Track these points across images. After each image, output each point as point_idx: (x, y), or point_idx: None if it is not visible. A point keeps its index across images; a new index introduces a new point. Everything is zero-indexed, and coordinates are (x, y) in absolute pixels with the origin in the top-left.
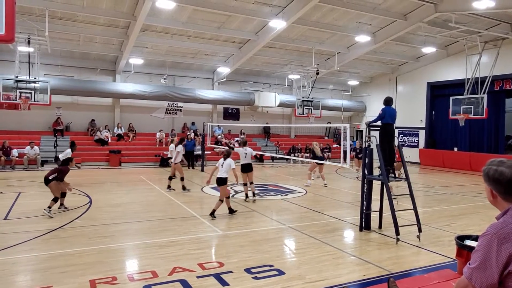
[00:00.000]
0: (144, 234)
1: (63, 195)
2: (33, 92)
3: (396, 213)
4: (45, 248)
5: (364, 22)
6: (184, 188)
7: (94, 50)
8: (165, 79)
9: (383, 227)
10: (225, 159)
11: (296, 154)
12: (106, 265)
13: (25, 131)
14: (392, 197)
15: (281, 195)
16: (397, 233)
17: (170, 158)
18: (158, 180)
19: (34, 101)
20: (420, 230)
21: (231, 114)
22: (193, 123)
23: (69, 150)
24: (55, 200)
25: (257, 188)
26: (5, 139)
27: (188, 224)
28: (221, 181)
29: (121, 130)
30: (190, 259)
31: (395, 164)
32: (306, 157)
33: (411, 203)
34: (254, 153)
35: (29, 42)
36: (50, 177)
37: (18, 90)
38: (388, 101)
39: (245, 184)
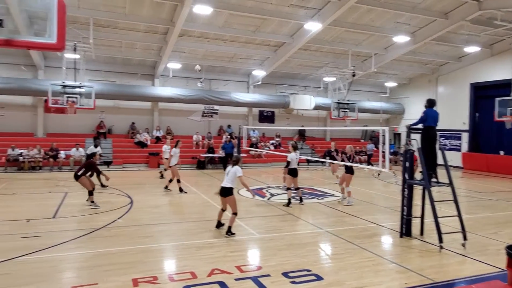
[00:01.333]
0: (182, 235)
1: (90, 192)
2: (78, 96)
3: (439, 219)
4: (90, 247)
5: (402, 22)
6: (181, 190)
7: (134, 56)
8: (201, 82)
9: (425, 233)
10: (232, 166)
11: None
12: (147, 264)
13: (71, 133)
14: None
15: (317, 199)
16: (440, 240)
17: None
18: (195, 182)
19: (80, 105)
20: (465, 238)
21: (266, 117)
22: (229, 126)
23: (92, 147)
24: (90, 193)
25: (292, 192)
26: (53, 141)
27: (225, 227)
28: (226, 192)
29: (160, 132)
30: (228, 261)
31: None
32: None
33: (455, 209)
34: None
35: (75, 50)
36: (79, 173)
37: (65, 95)
38: (430, 103)
39: (288, 188)
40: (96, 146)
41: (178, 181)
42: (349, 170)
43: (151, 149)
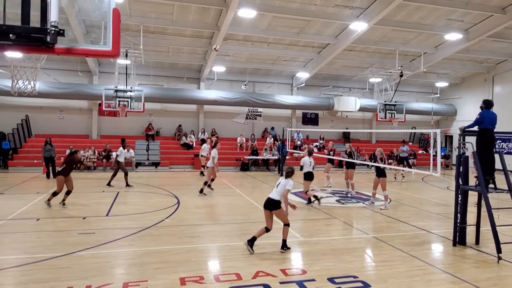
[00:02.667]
0: (227, 236)
1: (55, 193)
2: (129, 100)
3: (497, 228)
4: (141, 244)
5: (455, 18)
6: (201, 191)
7: (181, 60)
8: (245, 85)
9: (481, 243)
10: (285, 178)
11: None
12: (194, 264)
13: (122, 135)
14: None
15: (363, 203)
16: (499, 250)
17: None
18: (239, 184)
19: (130, 108)
20: None
21: (310, 119)
22: (272, 128)
23: (121, 148)
24: (55, 194)
25: (337, 195)
26: (106, 143)
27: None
28: (273, 204)
29: (205, 134)
30: (272, 264)
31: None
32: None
33: None
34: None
35: (126, 55)
36: (60, 169)
37: (117, 99)
38: (487, 104)
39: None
40: (124, 148)
41: (205, 183)
42: (381, 173)
43: (196, 151)
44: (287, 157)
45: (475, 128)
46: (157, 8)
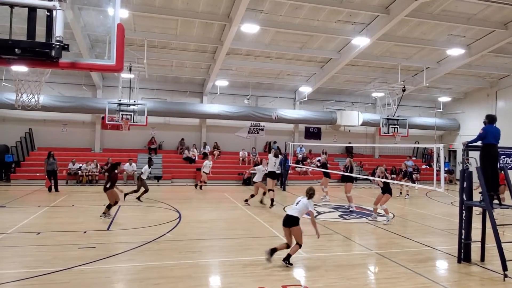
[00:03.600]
0: (229, 251)
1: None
2: (132, 114)
3: (502, 245)
4: (141, 259)
5: (456, 34)
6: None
7: (184, 74)
8: (248, 99)
9: (486, 260)
10: (308, 198)
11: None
12: (195, 280)
13: (125, 149)
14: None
15: (366, 218)
16: (505, 268)
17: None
18: (241, 198)
19: (133, 122)
20: None
21: (312, 134)
22: (274, 142)
23: (146, 167)
24: (109, 206)
25: (340, 210)
26: (109, 156)
27: (271, 244)
28: (292, 221)
29: (207, 148)
30: (274, 280)
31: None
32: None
33: None
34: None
35: (130, 70)
36: (107, 186)
37: (120, 113)
38: (491, 119)
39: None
40: (149, 167)
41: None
42: (387, 190)
43: (198, 165)
44: (289, 172)
45: (479, 143)
46: (162, 23)
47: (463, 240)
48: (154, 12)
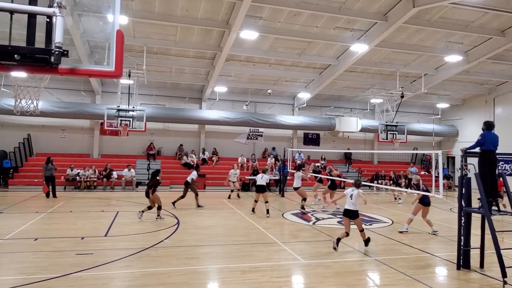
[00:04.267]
0: (227, 258)
1: (159, 207)
2: (131, 120)
3: (501, 251)
4: (139, 266)
5: (454, 41)
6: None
7: (183, 80)
8: (247, 105)
9: (485, 266)
10: (357, 188)
11: (379, 181)
12: (193, 286)
13: (123, 155)
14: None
15: (365, 225)
16: (504, 275)
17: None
18: (240, 204)
19: (132, 128)
20: None
21: (311, 140)
22: (273, 149)
23: (195, 173)
24: (159, 208)
25: (338, 216)
26: (107, 162)
27: (270, 251)
28: (352, 214)
29: (206, 154)
30: (272, 287)
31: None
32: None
33: None
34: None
35: (129, 75)
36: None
37: (119, 118)
38: (489, 126)
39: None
40: (197, 172)
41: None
42: (425, 201)
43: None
44: (288, 178)
45: (477, 149)
46: (161, 29)
47: (462, 247)
48: (153, 19)
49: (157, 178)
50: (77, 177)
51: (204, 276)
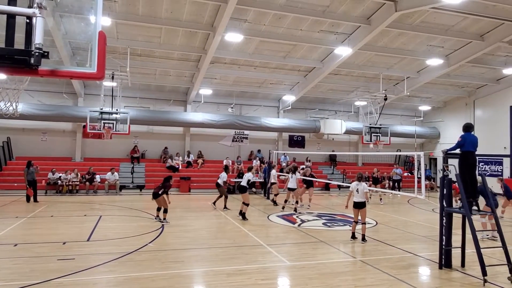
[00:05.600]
0: (212, 261)
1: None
2: (114, 122)
3: (482, 250)
4: (122, 271)
5: (435, 44)
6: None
7: (168, 83)
8: (232, 108)
9: (466, 265)
10: (361, 182)
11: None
12: None
13: (106, 158)
14: (477, 232)
15: (350, 226)
16: (484, 273)
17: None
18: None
19: (115, 130)
20: (511, 271)
21: (296, 142)
22: (259, 151)
23: (224, 174)
24: (165, 211)
25: (324, 218)
26: (90, 165)
27: (255, 253)
28: (361, 205)
29: (191, 157)
30: None
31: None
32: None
33: (499, 239)
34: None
35: (113, 78)
36: (160, 192)
37: (102, 121)
38: (468, 128)
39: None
40: (226, 173)
41: (296, 202)
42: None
43: (182, 174)
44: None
45: (457, 150)
46: (145, 31)
47: (444, 246)
48: (137, 21)
49: (170, 182)
50: (59, 181)
51: (189, 279)
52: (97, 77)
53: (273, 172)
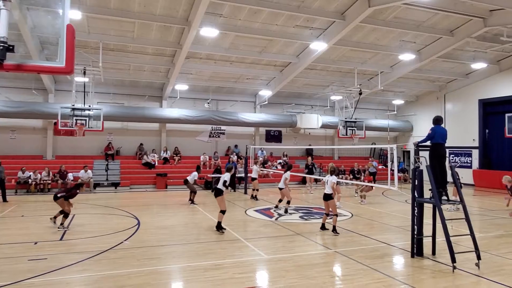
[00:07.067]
0: (189, 257)
1: (66, 215)
2: (87, 119)
3: (451, 238)
4: (97, 269)
5: (407, 40)
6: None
7: (143, 78)
8: (208, 103)
9: (437, 253)
10: (331, 175)
11: (340, 176)
12: (154, 287)
13: (79, 155)
14: (446, 221)
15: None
16: (453, 260)
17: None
18: (203, 202)
19: (88, 127)
20: (479, 257)
21: (273, 137)
22: (236, 146)
23: (195, 173)
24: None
25: (301, 211)
26: (62, 163)
27: (233, 248)
28: (327, 197)
29: (167, 153)
30: (235, 283)
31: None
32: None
33: (468, 227)
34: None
35: (84, 73)
36: (59, 195)
37: (74, 118)
38: (437, 120)
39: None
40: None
41: (288, 202)
42: None
43: (158, 170)
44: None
45: (428, 143)
46: (117, 25)
47: (415, 236)
48: (109, 14)
49: (77, 191)
50: (29, 180)
51: (165, 276)
52: (66, 72)
53: (255, 167)
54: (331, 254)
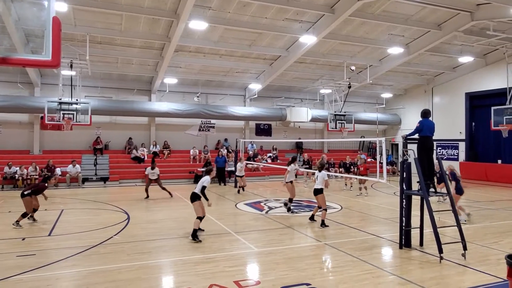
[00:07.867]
0: (180, 250)
1: (35, 210)
2: (75, 113)
3: (438, 229)
4: (86, 264)
5: (396, 33)
6: (288, 209)
7: (131, 72)
8: (198, 97)
9: (424, 244)
10: (320, 171)
11: (329, 169)
12: (145, 281)
13: (67, 150)
14: (434, 212)
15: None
16: (440, 251)
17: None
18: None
19: (76, 121)
20: (465, 248)
21: (263, 130)
22: (226, 140)
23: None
24: (24, 215)
25: (291, 204)
26: (49, 158)
27: (223, 241)
28: (317, 191)
29: (157, 147)
30: (226, 276)
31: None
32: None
33: (454, 219)
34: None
35: (71, 66)
36: (26, 192)
37: (61, 112)
38: (425, 113)
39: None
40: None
41: (290, 200)
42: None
43: (148, 164)
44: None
45: (416, 135)
46: (105, 18)
47: (404, 227)
48: (96, 6)
49: (46, 185)
50: (16, 175)
51: (156, 270)
52: (52, 65)
53: (239, 165)
54: (321, 246)
